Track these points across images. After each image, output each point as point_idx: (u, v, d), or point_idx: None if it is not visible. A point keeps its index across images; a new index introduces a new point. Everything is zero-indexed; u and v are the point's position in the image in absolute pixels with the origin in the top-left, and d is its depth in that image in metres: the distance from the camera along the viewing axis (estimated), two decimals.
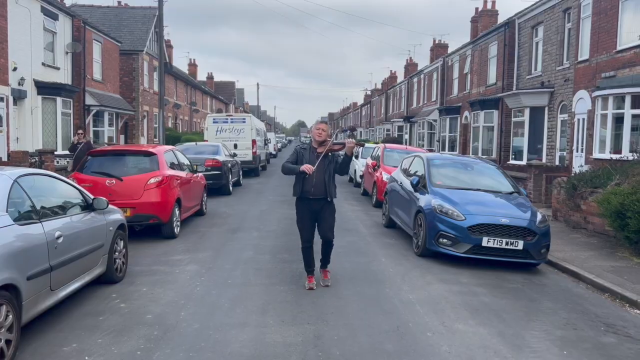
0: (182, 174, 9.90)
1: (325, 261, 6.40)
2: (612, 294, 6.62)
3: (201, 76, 56.11)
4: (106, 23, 28.01)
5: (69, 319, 5.02)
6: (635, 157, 10.91)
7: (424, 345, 4.63)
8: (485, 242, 7.36)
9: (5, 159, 15.14)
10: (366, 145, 18.17)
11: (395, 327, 5.04)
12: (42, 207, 4.82)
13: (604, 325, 5.45)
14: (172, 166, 9.60)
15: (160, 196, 8.61)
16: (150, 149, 9.32)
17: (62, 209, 5.21)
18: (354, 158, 18.77)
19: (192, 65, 52.66)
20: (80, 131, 13.73)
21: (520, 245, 7.37)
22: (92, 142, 13.88)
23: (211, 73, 60.07)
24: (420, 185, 8.73)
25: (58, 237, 4.75)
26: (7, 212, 4.23)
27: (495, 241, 7.36)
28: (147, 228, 9.02)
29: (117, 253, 6.26)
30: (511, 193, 8.61)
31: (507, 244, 7.36)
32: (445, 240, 7.61)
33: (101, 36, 23.85)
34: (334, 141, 6.02)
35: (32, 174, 5.01)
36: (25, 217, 4.48)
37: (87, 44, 21.95)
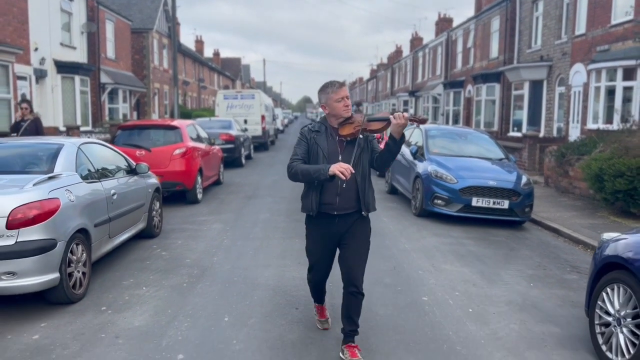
0: (202, 146, 10.87)
1: (351, 328, 3.69)
2: (585, 245, 7.58)
3: (205, 52, 56.53)
4: (116, 2, 28.62)
5: (122, 263, 6.06)
6: (621, 127, 11.72)
7: (415, 279, 5.64)
8: (475, 202, 8.32)
9: None
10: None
11: (392, 267, 6.05)
12: (99, 170, 5.81)
13: (570, 267, 6.43)
14: (193, 139, 10.55)
15: (185, 165, 9.61)
16: (174, 123, 10.28)
17: (113, 172, 6.21)
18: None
19: (199, 42, 53.12)
20: (24, 105, 9.84)
21: (505, 204, 8.32)
22: (40, 119, 10.10)
23: (218, 50, 60.45)
24: (419, 153, 9.64)
25: (113, 195, 5.75)
26: (75, 172, 5.23)
27: (484, 201, 8.31)
28: (172, 195, 10.03)
29: (154, 212, 7.27)
30: (501, 159, 9.51)
31: (494, 203, 8.31)
32: (439, 201, 8.57)
33: (113, 15, 24.58)
34: (370, 117, 3.68)
35: (89, 142, 6.00)
36: (88, 177, 5.47)
37: (100, 23, 22.72)
